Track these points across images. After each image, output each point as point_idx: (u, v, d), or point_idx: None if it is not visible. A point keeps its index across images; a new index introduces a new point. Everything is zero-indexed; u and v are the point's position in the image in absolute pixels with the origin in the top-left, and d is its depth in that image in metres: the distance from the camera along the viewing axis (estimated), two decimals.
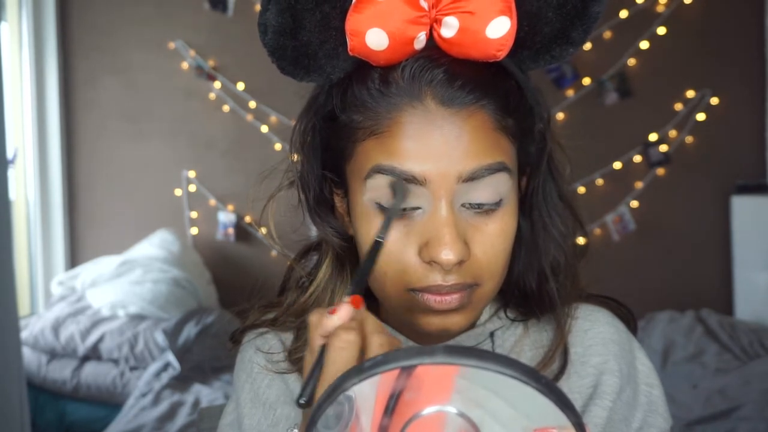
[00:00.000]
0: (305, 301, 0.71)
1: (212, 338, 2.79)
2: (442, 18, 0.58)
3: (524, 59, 0.62)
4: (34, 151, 3.40)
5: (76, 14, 3.49)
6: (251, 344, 0.74)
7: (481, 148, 0.58)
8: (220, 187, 3.49)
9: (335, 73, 0.62)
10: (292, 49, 0.60)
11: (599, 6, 0.59)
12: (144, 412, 2.37)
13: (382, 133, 0.59)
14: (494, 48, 0.58)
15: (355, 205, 0.63)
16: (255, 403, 0.71)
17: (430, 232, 0.59)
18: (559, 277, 0.69)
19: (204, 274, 3.33)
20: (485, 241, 0.60)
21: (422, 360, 0.39)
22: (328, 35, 0.60)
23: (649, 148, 3.27)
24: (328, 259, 0.70)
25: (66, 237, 3.50)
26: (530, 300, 0.71)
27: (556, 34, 0.60)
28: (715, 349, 2.70)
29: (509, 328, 0.73)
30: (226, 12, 3.39)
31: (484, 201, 0.60)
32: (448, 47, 0.59)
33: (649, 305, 3.12)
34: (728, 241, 3.23)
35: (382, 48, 0.58)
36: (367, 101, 0.60)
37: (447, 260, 0.58)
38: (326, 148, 0.66)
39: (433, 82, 0.59)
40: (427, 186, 0.58)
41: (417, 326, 0.63)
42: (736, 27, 3.24)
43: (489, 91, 0.59)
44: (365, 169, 0.60)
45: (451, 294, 0.60)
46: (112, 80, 3.50)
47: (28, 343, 2.83)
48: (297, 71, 0.61)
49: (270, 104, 3.40)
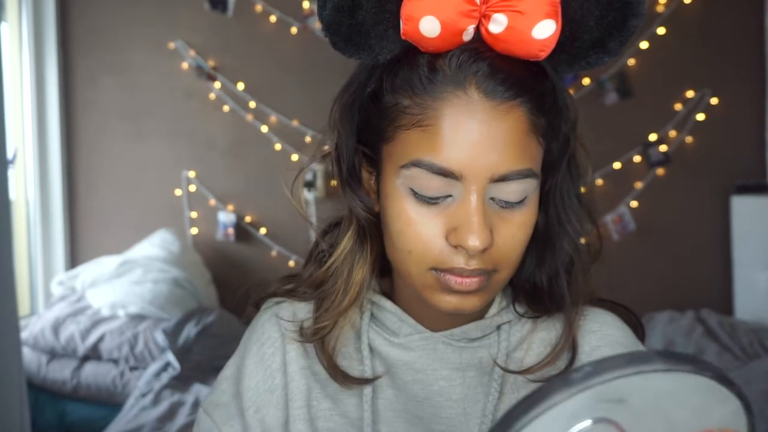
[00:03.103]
0: (325, 272, 0.73)
1: (212, 338, 2.79)
2: (491, 14, 0.60)
3: (560, 63, 0.65)
4: (34, 151, 3.40)
5: (76, 14, 3.49)
6: (267, 311, 0.78)
7: (514, 152, 0.61)
8: (220, 187, 3.49)
9: (383, 53, 0.65)
10: (347, 26, 0.62)
11: (638, 20, 0.62)
12: (144, 412, 2.37)
13: (427, 126, 0.62)
14: (538, 48, 0.61)
15: (387, 184, 0.66)
16: (258, 365, 0.75)
17: (459, 219, 0.62)
18: (572, 273, 0.71)
19: (204, 274, 3.33)
20: (507, 232, 0.64)
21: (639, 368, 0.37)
22: (382, 17, 0.62)
23: (648, 148, 3.27)
24: (350, 232, 0.72)
25: (66, 237, 3.50)
26: (541, 295, 0.72)
27: (594, 42, 0.63)
28: (715, 349, 2.70)
29: (517, 324, 0.74)
30: (226, 12, 3.39)
31: (510, 200, 0.63)
32: (494, 42, 0.62)
33: (649, 305, 3.12)
34: (728, 241, 3.23)
35: (433, 35, 0.61)
36: (416, 86, 0.63)
37: (473, 246, 0.61)
38: (365, 126, 0.69)
39: (478, 73, 0.61)
40: (461, 180, 0.62)
41: (433, 303, 0.66)
42: (736, 27, 3.24)
43: (527, 89, 0.62)
44: (404, 159, 0.63)
45: (472, 277, 0.63)
46: (112, 80, 3.50)
47: (28, 343, 2.83)
48: (348, 48, 0.64)
49: (270, 104, 3.40)
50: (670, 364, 0.37)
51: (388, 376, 0.72)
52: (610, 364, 0.36)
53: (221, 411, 0.75)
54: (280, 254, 3.45)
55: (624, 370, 0.36)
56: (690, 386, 0.38)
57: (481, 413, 0.71)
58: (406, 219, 0.64)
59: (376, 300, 0.74)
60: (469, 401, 0.71)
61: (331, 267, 0.73)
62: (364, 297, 0.73)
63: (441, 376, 0.71)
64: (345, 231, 0.73)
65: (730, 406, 0.39)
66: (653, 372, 0.37)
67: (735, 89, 3.23)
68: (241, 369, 0.76)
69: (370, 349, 0.73)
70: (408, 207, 0.64)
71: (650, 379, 0.37)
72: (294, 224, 3.34)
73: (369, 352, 0.73)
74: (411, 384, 0.72)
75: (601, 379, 0.36)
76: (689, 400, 0.39)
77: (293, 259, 3.42)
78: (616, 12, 0.61)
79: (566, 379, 0.37)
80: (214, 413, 0.75)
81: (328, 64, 3.36)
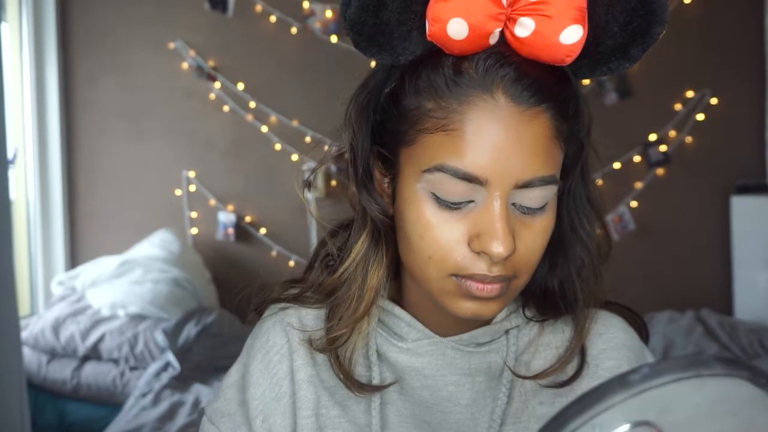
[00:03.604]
0: (337, 279, 0.72)
1: (212, 338, 2.79)
2: (518, 17, 0.59)
3: (582, 68, 0.64)
4: (34, 151, 3.40)
5: (76, 14, 3.49)
6: (271, 317, 0.77)
7: (538, 158, 0.61)
8: (220, 187, 3.49)
9: (405, 55, 0.64)
10: (371, 25, 0.61)
11: (661, 27, 0.61)
12: (144, 412, 2.37)
13: (452, 131, 0.61)
14: (564, 53, 0.60)
15: (406, 188, 0.65)
16: (264, 373, 0.74)
17: (482, 225, 0.61)
18: (582, 276, 0.71)
19: (204, 274, 3.33)
20: (529, 238, 0.63)
21: (699, 372, 0.36)
22: (406, 17, 0.61)
23: (648, 148, 3.27)
24: (364, 235, 0.70)
25: (66, 237, 3.50)
26: (552, 299, 0.72)
27: (616, 48, 0.63)
28: (715, 349, 2.70)
29: (524, 328, 0.74)
30: (226, 12, 3.39)
31: (533, 206, 0.63)
32: (520, 46, 0.61)
33: (649, 305, 3.12)
34: (728, 241, 3.23)
35: (461, 38, 0.60)
36: (440, 88, 0.62)
37: (498, 253, 0.60)
38: (382, 127, 0.68)
39: (505, 78, 0.60)
40: (486, 186, 0.61)
41: (451, 310, 0.65)
42: (736, 27, 3.24)
43: (553, 95, 0.62)
44: (428, 163, 0.62)
45: (494, 284, 0.63)
46: (112, 80, 3.50)
47: (28, 343, 2.83)
48: (370, 48, 0.63)
49: (270, 104, 3.40)
50: (729, 369, 0.36)
51: (397, 382, 0.71)
52: (670, 366, 0.36)
53: (227, 421, 0.73)
54: (280, 254, 3.45)
55: (683, 374, 0.35)
56: (743, 394, 0.38)
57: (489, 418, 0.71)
58: (426, 223, 0.63)
59: (384, 305, 0.72)
60: (478, 406, 0.71)
61: (344, 273, 0.71)
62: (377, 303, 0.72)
63: (450, 381, 0.70)
64: (358, 234, 0.71)
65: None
66: (712, 377, 0.36)
67: (735, 89, 3.23)
68: (245, 377, 0.75)
69: (377, 354, 0.72)
70: (428, 211, 0.63)
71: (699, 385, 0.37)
72: (294, 224, 3.35)
73: (377, 357, 0.72)
74: (419, 390, 0.71)
75: (660, 381, 0.35)
76: (741, 408, 0.38)
77: (293, 259, 3.42)
78: (641, 19, 0.61)
79: (624, 380, 0.36)
80: (220, 423, 0.74)
81: (328, 64, 3.38)
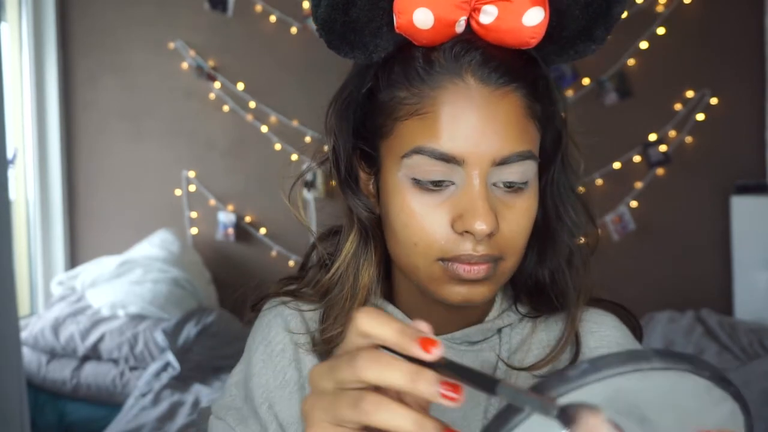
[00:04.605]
0: (330, 279, 0.73)
1: (212, 338, 2.79)
2: (481, 6, 0.62)
3: (549, 53, 0.67)
4: (34, 151, 3.40)
5: (76, 14, 3.49)
6: (271, 310, 0.78)
7: (513, 134, 0.62)
8: (220, 187, 3.49)
9: (377, 51, 0.66)
10: (342, 24, 0.63)
11: (621, 7, 0.64)
12: (144, 412, 2.37)
13: (425, 114, 0.63)
14: (528, 35, 0.62)
15: (388, 180, 0.66)
16: (267, 363, 0.75)
17: (464, 205, 0.62)
18: (572, 266, 0.72)
19: (204, 274, 3.33)
20: (511, 218, 0.64)
21: (638, 366, 0.36)
22: (375, 14, 0.63)
23: (648, 148, 3.27)
24: (352, 235, 0.72)
25: (66, 237, 3.50)
26: (544, 292, 0.73)
27: (580, 31, 0.65)
28: (715, 349, 2.70)
29: (517, 326, 0.74)
30: (226, 12, 3.39)
31: (514, 180, 0.64)
32: (485, 33, 0.63)
33: (649, 305, 3.12)
34: (728, 241, 3.23)
35: (427, 27, 0.62)
36: (412, 77, 0.64)
37: (480, 230, 0.61)
38: (362, 125, 0.69)
39: (472, 62, 0.63)
40: (463, 166, 0.62)
41: (441, 296, 0.66)
42: (736, 27, 3.24)
43: (521, 75, 0.64)
44: (405, 148, 0.64)
45: (480, 264, 0.63)
46: (112, 80, 3.50)
47: (28, 343, 2.83)
48: (343, 46, 0.65)
49: (270, 104, 3.40)
50: (668, 362, 0.36)
51: None
52: (608, 361, 0.36)
53: (234, 414, 0.74)
54: (280, 254, 3.45)
55: (622, 368, 0.35)
56: (687, 387, 0.38)
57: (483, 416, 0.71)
58: (409, 211, 0.64)
59: (378, 303, 0.73)
60: (470, 404, 0.71)
61: (335, 273, 0.72)
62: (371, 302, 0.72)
63: None
64: (347, 235, 0.72)
65: (727, 406, 0.39)
66: (651, 370, 0.36)
67: (735, 89, 3.23)
68: (248, 370, 0.76)
69: None
70: (411, 199, 0.64)
71: (648, 379, 0.37)
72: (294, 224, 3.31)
73: None
74: None
75: (598, 377, 0.35)
76: (686, 400, 0.39)
77: (293, 259, 3.42)
78: (601, 0, 0.63)
79: (563, 376, 0.36)
80: (227, 416, 0.74)
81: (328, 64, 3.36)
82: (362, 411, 0.42)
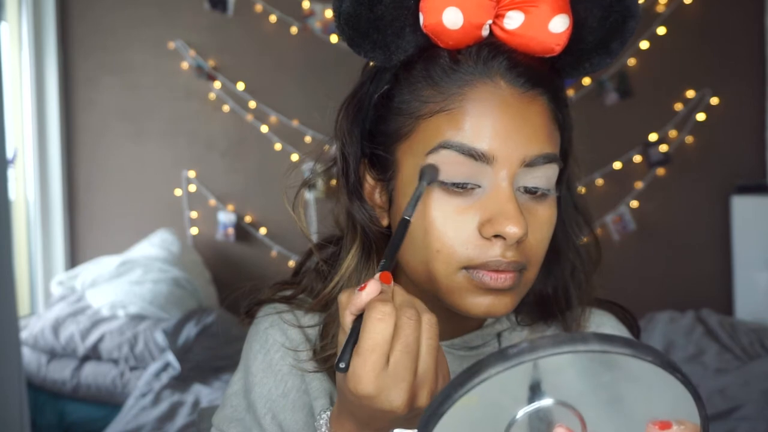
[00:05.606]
0: (330, 292, 0.70)
1: (212, 338, 2.79)
2: (505, 12, 0.61)
3: (565, 65, 0.66)
4: (34, 151, 3.39)
5: (77, 14, 3.49)
6: (267, 318, 0.75)
7: (542, 135, 0.61)
8: (220, 187, 3.49)
9: (397, 53, 0.64)
10: (366, 20, 0.62)
11: (636, 22, 0.64)
12: (144, 412, 2.37)
13: (452, 109, 0.61)
14: (554, 42, 0.62)
15: (406, 184, 0.64)
16: (267, 372, 0.72)
17: (493, 208, 0.60)
18: (576, 281, 0.71)
19: (204, 274, 3.32)
20: (535, 226, 0.62)
21: (575, 347, 0.37)
22: (400, 13, 0.62)
23: (649, 148, 3.27)
24: (354, 249, 0.69)
25: (66, 237, 3.50)
26: (546, 303, 0.72)
27: (597, 44, 0.64)
28: (715, 349, 2.70)
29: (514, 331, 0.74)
30: (226, 12, 3.38)
31: (539, 185, 0.62)
32: (509, 39, 0.62)
33: (649, 305, 3.12)
34: (728, 241, 3.23)
35: (456, 27, 0.61)
36: (438, 76, 0.62)
37: (513, 233, 0.59)
38: (376, 130, 0.67)
39: (501, 65, 0.62)
40: (492, 164, 0.60)
41: (463, 308, 0.63)
42: (736, 27, 3.24)
43: (546, 81, 0.63)
44: (429, 145, 0.61)
45: (507, 272, 0.61)
46: (112, 80, 3.50)
47: (28, 343, 2.83)
48: (364, 44, 0.63)
49: (270, 104, 3.40)
50: (607, 345, 0.37)
51: None
52: (547, 341, 0.37)
53: (237, 425, 0.73)
54: (280, 254, 3.45)
55: (559, 348, 0.36)
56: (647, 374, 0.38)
57: None
58: (432, 216, 0.61)
59: None
60: None
61: (336, 286, 0.69)
62: None
63: None
64: (349, 246, 0.69)
65: (678, 393, 0.39)
66: (589, 352, 0.37)
67: (735, 89, 3.23)
68: (248, 379, 0.74)
69: None
70: (433, 202, 0.61)
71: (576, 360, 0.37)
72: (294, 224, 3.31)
73: None
74: None
75: (535, 356, 0.36)
76: (641, 387, 0.39)
77: (293, 259, 3.41)
78: (617, 14, 0.63)
79: (502, 353, 0.37)
80: (229, 429, 0.73)
81: (328, 64, 3.37)
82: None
